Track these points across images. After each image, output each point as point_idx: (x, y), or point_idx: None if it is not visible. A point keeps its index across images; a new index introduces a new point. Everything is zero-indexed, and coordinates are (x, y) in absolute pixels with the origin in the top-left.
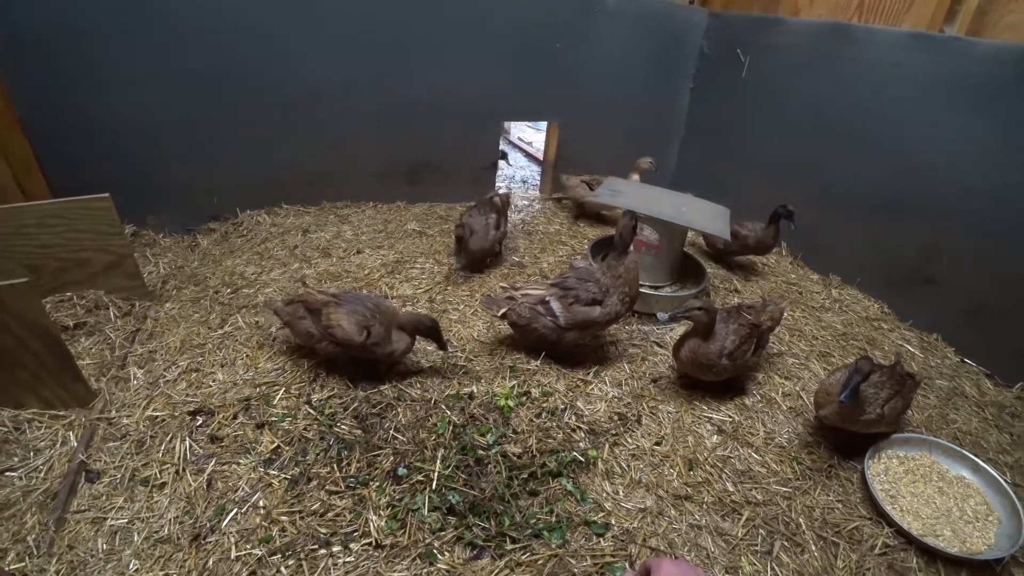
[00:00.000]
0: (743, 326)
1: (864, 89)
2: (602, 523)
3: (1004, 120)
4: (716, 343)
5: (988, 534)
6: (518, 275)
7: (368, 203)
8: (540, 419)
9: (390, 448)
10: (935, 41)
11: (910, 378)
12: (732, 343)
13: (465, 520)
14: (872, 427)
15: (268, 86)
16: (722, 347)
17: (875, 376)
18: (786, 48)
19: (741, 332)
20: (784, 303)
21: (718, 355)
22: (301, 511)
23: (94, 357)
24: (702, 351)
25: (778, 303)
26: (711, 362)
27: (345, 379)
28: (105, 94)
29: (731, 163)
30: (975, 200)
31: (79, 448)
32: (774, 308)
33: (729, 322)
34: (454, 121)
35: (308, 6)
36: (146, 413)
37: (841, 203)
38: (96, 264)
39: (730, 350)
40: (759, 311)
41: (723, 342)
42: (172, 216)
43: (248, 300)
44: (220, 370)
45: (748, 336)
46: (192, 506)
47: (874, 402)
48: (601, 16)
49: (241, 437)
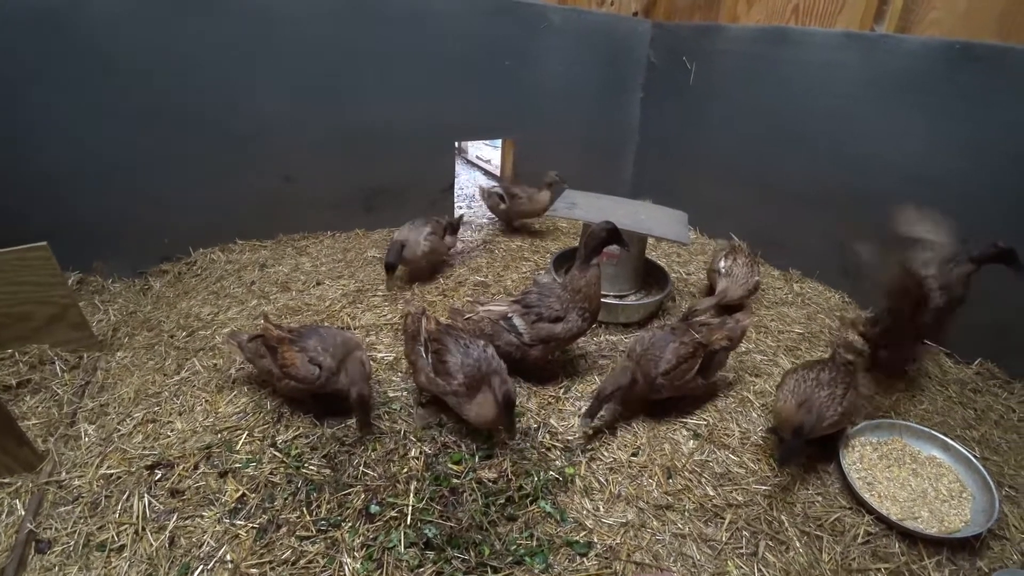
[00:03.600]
0: (685, 344)
1: (804, 88)
2: (584, 542)
3: (932, 110)
4: (652, 360)
5: (964, 511)
6: (482, 294)
7: (326, 233)
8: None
9: (360, 485)
10: (866, 40)
11: (851, 364)
12: (669, 362)
13: (444, 553)
14: (838, 426)
15: (210, 121)
16: (657, 364)
17: (824, 375)
18: (729, 54)
19: (682, 351)
20: (747, 320)
21: (653, 372)
22: (271, 561)
23: (40, 416)
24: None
25: (740, 319)
26: (649, 379)
27: (311, 417)
28: (35, 138)
29: (686, 168)
30: (910, 187)
31: (27, 517)
32: (733, 326)
33: (672, 338)
34: (407, 145)
35: (246, 38)
36: (100, 471)
37: (793, 199)
38: (38, 317)
39: (666, 368)
40: (714, 329)
41: (658, 360)
42: (121, 260)
43: (205, 342)
44: (178, 418)
45: (691, 355)
46: (154, 568)
47: (831, 404)
48: (548, 32)
49: (204, 488)
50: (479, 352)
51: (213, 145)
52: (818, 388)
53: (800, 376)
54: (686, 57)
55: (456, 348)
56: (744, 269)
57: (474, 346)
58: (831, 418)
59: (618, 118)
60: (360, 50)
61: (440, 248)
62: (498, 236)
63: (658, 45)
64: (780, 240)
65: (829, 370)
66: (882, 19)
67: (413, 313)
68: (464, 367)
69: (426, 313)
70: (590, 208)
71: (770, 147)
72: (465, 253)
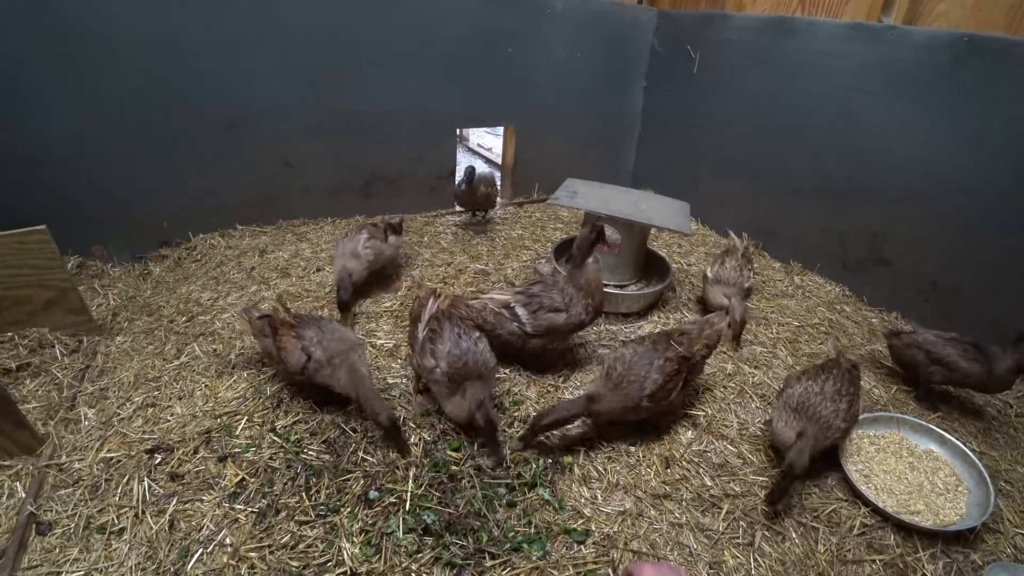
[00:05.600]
0: (670, 361)
1: (809, 79)
2: (582, 530)
3: (937, 104)
4: (635, 381)
5: (959, 504)
6: (483, 282)
7: (326, 219)
8: (512, 428)
9: (360, 471)
10: (873, 31)
11: (855, 367)
12: (654, 383)
13: (442, 539)
14: (845, 435)
15: (210, 104)
16: (642, 387)
17: (828, 387)
18: (734, 43)
19: (667, 368)
20: (722, 323)
21: (638, 396)
22: (270, 545)
23: (40, 400)
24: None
25: (715, 324)
26: (632, 404)
27: (310, 403)
28: (36, 122)
29: (688, 158)
30: (915, 181)
31: (27, 499)
32: (711, 332)
33: (654, 356)
34: (406, 131)
35: (246, 22)
36: (100, 455)
37: (795, 191)
38: (36, 301)
39: (651, 391)
40: (693, 338)
41: (643, 381)
42: (121, 244)
43: (205, 328)
44: (178, 403)
45: (676, 372)
46: (154, 551)
47: (835, 418)
48: (551, 19)
49: (203, 472)
50: (469, 344)
51: (212, 129)
52: (822, 402)
53: (804, 388)
54: (690, 46)
55: (449, 335)
56: (734, 273)
57: (467, 338)
58: (837, 430)
59: (620, 107)
60: (360, 35)
61: (385, 250)
62: (498, 224)
63: (662, 33)
64: (782, 232)
65: (835, 380)
66: (890, 10)
67: (421, 296)
68: (450, 356)
69: (436, 293)
70: (591, 197)
71: (773, 138)
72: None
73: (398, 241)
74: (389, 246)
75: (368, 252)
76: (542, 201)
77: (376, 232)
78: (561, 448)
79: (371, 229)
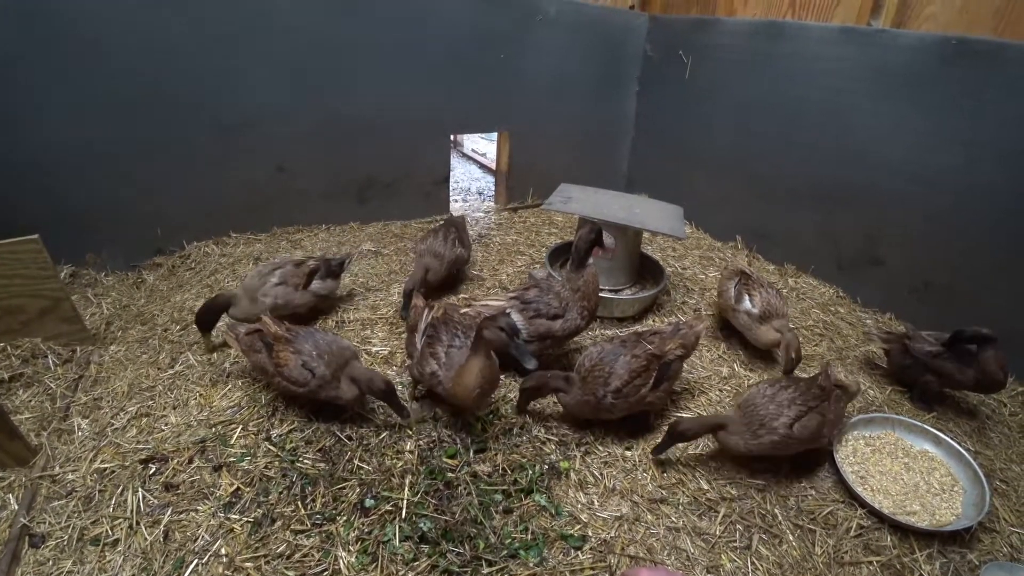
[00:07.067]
0: (638, 358)
1: (800, 82)
2: (579, 536)
3: (927, 105)
4: (600, 376)
5: (955, 504)
6: (477, 288)
7: (320, 226)
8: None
9: (355, 479)
10: (863, 34)
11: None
12: (619, 378)
13: (438, 547)
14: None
15: (203, 110)
16: (607, 382)
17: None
18: (725, 47)
19: (634, 365)
20: (700, 326)
21: (602, 391)
22: (266, 555)
23: (33, 410)
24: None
25: (693, 326)
26: (595, 398)
27: (306, 411)
28: (27, 129)
29: (681, 162)
30: (905, 182)
31: (20, 511)
32: (687, 332)
33: (622, 352)
34: (400, 136)
35: (239, 28)
36: (93, 466)
37: (788, 193)
38: (29, 310)
39: (616, 386)
40: (666, 338)
41: (608, 376)
42: (114, 253)
43: (199, 336)
44: (172, 412)
45: (644, 369)
46: (149, 562)
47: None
48: (543, 25)
49: (198, 482)
50: (465, 342)
51: (205, 135)
52: (766, 404)
53: (758, 388)
54: (682, 50)
55: (447, 338)
56: (776, 300)
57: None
58: (764, 437)
59: (614, 111)
60: (354, 40)
61: (294, 299)
62: (493, 229)
63: (654, 38)
64: (775, 235)
65: (795, 391)
66: (879, 14)
67: (419, 306)
68: (449, 349)
69: (429, 305)
70: (585, 202)
71: (766, 141)
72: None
73: (331, 286)
74: (306, 293)
75: (267, 301)
76: (536, 206)
77: (295, 275)
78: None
79: (291, 270)
